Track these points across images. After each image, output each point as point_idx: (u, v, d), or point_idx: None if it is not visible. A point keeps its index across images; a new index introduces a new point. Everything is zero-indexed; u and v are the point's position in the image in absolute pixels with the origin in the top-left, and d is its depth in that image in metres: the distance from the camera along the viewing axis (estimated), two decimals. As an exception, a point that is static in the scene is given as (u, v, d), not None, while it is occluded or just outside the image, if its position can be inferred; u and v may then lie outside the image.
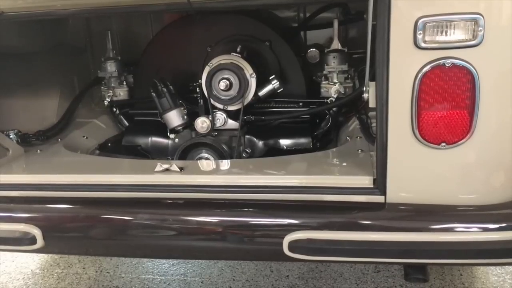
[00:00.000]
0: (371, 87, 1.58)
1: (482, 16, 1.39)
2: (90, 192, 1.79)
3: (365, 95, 1.61)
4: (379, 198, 1.61)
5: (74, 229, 1.77)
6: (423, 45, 1.42)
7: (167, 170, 1.82)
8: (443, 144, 1.50)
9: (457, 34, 1.41)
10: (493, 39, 1.41)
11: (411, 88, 1.46)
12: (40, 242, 1.73)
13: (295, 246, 1.58)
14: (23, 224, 1.74)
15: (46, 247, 1.75)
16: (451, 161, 1.53)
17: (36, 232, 1.72)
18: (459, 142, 1.50)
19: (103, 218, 1.74)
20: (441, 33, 1.41)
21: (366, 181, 1.66)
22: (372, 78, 1.57)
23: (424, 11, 1.41)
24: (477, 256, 1.54)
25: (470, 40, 1.41)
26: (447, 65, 1.43)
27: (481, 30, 1.39)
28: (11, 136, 2.25)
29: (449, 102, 1.46)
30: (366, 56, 1.56)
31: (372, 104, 1.59)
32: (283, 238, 1.58)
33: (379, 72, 1.49)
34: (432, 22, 1.40)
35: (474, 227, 1.54)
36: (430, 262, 1.69)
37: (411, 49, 1.43)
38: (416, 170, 1.56)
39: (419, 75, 1.45)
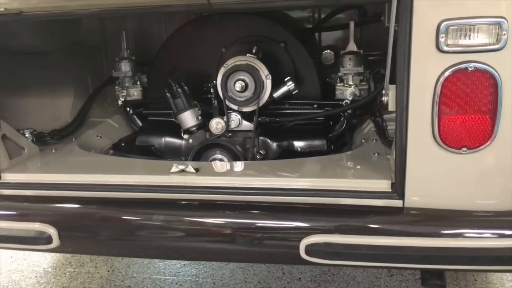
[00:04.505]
0: (391, 90, 1.56)
1: (506, 20, 1.37)
2: (106, 192, 1.79)
3: (384, 98, 1.60)
4: (397, 203, 1.59)
5: (90, 229, 1.77)
6: (445, 48, 1.40)
7: (183, 171, 1.82)
8: (464, 149, 1.49)
9: (480, 38, 1.39)
10: (517, 43, 1.39)
11: (432, 92, 1.45)
12: (55, 242, 1.73)
13: (312, 249, 1.57)
14: (38, 223, 1.75)
15: (62, 247, 1.76)
16: (472, 166, 1.52)
17: (52, 231, 1.72)
18: (480, 147, 1.48)
19: (119, 219, 1.74)
20: (464, 36, 1.39)
21: (384, 185, 1.65)
22: (391, 81, 1.56)
23: (447, 14, 1.39)
24: (497, 262, 1.52)
25: (494, 44, 1.39)
26: (469, 69, 1.41)
27: (504, 34, 1.38)
28: (26, 135, 2.26)
29: (471, 106, 1.45)
30: (387, 59, 1.54)
31: (391, 107, 1.57)
32: (299, 241, 1.57)
33: (400, 75, 1.48)
34: (455, 25, 1.39)
35: (494, 233, 1.52)
36: (449, 268, 1.67)
37: (433, 52, 1.42)
38: (436, 175, 1.54)
39: (441, 79, 1.43)
